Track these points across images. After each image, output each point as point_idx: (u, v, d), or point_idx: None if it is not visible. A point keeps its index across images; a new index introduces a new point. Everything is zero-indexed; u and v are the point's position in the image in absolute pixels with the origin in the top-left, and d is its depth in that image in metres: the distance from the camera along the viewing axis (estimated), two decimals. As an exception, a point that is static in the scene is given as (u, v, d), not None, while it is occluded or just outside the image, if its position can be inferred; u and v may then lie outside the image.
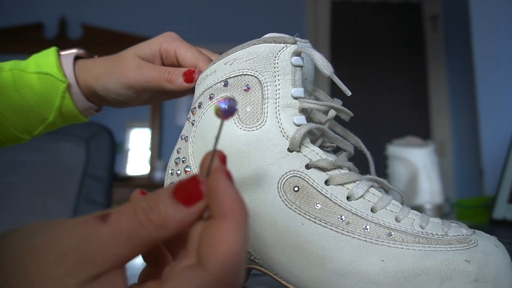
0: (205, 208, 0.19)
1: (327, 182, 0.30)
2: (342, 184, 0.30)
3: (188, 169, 0.34)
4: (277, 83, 0.32)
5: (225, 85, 0.33)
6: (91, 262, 0.17)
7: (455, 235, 0.28)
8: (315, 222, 0.28)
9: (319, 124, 0.32)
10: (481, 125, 1.28)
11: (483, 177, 1.26)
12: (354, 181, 0.30)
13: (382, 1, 2.70)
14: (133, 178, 2.50)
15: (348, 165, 0.31)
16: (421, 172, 1.05)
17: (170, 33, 0.42)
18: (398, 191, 0.34)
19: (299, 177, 0.30)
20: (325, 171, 0.30)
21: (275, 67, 0.32)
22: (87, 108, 0.45)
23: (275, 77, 0.32)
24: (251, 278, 0.37)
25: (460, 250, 0.27)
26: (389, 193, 0.34)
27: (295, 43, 0.32)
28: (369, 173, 0.34)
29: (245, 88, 0.32)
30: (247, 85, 0.32)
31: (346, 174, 0.30)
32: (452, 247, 0.27)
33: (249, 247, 0.31)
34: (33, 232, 0.17)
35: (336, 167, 0.30)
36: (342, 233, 0.28)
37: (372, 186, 0.31)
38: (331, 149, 0.34)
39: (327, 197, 0.29)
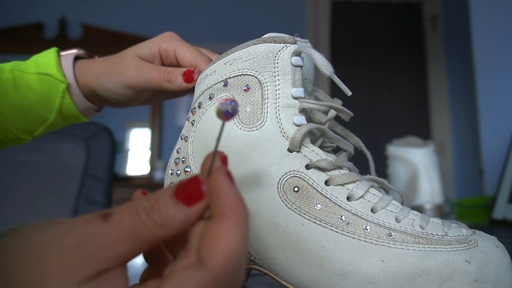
0: (206, 208, 0.19)
1: (327, 183, 0.30)
2: (342, 185, 0.30)
3: (188, 169, 0.34)
4: (277, 83, 0.32)
5: (225, 85, 0.33)
6: (93, 260, 0.17)
7: (455, 236, 0.28)
8: (315, 223, 0.28)
9: (319, 124, 0.32)
10: (481, 125, 1.28)
11: (483, 177, 1.26)
12: (354, 182, 0.30)
13: (382, 1, 2.70)
14: (133, 178, 2.50)
15: (348, 165, 0.31)
16: (421, 172, 1.05)
17: (170, 33, 0.42)
18: (398, 191, 0.34)
19: (299, 177, 0.30)
20: (325, 172, 0.30)
21: (275, 67, 0.32)
22: (87, 108, 0.45)
23: (275, 77, 0.32)
24: (251, 278, 0.37)
25: (460, 251, 0.27)
26: (389, 193, 0.34)
27: (295, 43, 0.32)
28: (369, 173, 0.34)
29: (245, 88, 0.32)
30: (247, 85, 0.32)
31: (346, 175, 0.30)
32: (452, 248, 0.27)
33: (249, 247, 0.31)
34: (37, 230, 0.17)
35: (336, 167, 0.30)
36: (342, 234, 0.28)
37: (372, 186, 0.31)
38: (331, 149, 0.34)
39: (327, 198, 0.29)
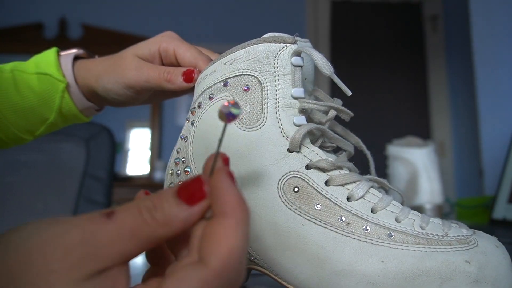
0: (208, 208, 0.19)
1: (327, 183, 0.30)
2: (342, 185, 0.30)
3: (188, 169, 0.34)
4: (277, 83, 0.32)
5: (225, 85, 0.33)
6: (96, 257, 0.17)
7: (456, 236, 0.28)
8: (315, 223, 0.28)
9: (319, 124, 0.32)
10: (481, 125, 1.28)
11: (483, 177, 1.26)
12: (354, 182, 0.30)
13: (382, 1, 2.70)
14: (133, 178, 2.50)
15: (348, 166, 0.31)
16: (421, 172, 1.05)
17: (169, 33, 0.42)
18: (398, 191, 0.34)
19: (299, 178, 0.30)
20: (325, 172, 0.30)
21: (275, 67, 0.32)
22: (87, 108, 0.45)
23: (275, 77, 0.32)
24: (251, 278, 0.37)
25: (461, 251, 0.27)
26: (389, 193, 0.34)
27: (295, 43, 0.32)
28: (369, 173, 0.34)
29: (245, 88, 0.32)
30: (247, 85, 0.32)
31: (346, 175, 0.30)
32: (453, 248, 0.27)
33: (249, 248, 0.31)
34: (42, 227, 0.18)
35: (336, 168, 0.30)
36: (342, 234, 0.28)
37: (372, 187, 0.31)
38: (331, 149, 0.34)
39: (327, 198, 0.29)
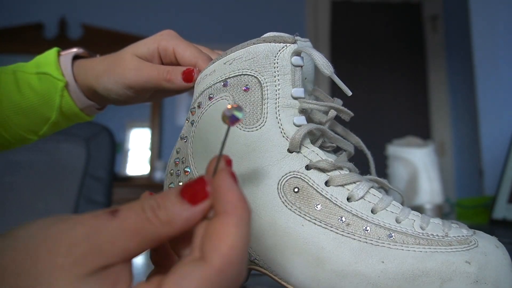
0: (210, 208, 0.19)
1: (327, 183, 0.29)
2: (343, 185, 0.30)
3: (188, 170, 0.34)
4: (277, 83, 0.31)
5: (225, 85, 0.33)
6: (99, 254, 0.17)
7: (456, 236, 0.28)
8: (315, 223, 0.28)
9: (319, 125, 0.32)
10: (481, 125, 1.27)
11: (483, 177, 1.26)
12: (355, 182, 0.30)
13: (382, 1, 2.70)
14: (133, 178, 2.50)
15: (349, 166, 0.31)
16: (421, 172, 1.05)
17: (168, 31, 0.42)
18: (399, 192, 0.34)
19: (299, 178, 0.30)
20: (325, 172, 0.30)
21: (275, 67, 0.32)
22: (88, 106, 0.45)
23: (275, 77, 0.32)
24: (251, 279, 0.37)
25: (461, 251, 0.27)
26: (390, 194, 0.34)
27: (295, 43, 0.32)
28: (370, 173, 0.34)
29: (245, 88, 0.32)
30: (247, 85, 0.32)
31: (347, 175, 0.30)
32: (453, 248, 0.27)
33: (249, 248, 0.31)
34: (48, 224, 0.18)
35: (336, 168, 0.30)
36: (343, 235, 0.28)
37: (373, 187, 0.30)
38: (331, 149, 0.34)
39: (327, 198, 0.29)
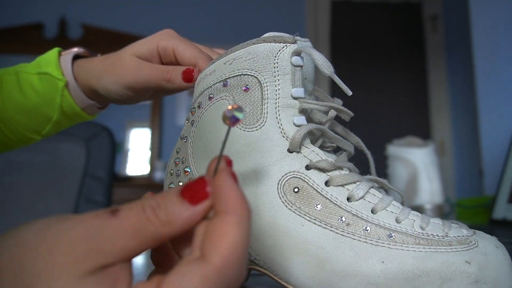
0: (210, 208, 0.19)
1: (327, 183, 0.29)
2: (343, 185, 0.30)
3: (188, 170, 0.34)
4: (277, 83, 0.31)
5: (225, 85, 0.33)
6: (99, 253, 0.17)
7: (456, 236, 0.28)
8: (315, 223, 0.28)
9: (319, 125, 0.32)
10: (481, 125, 1.27)
11: (483, 177, 1.26)
12: (355, 182, 0.30)
13: (382, 1, 2.70)
14: (133, 178, 2.50)
15: (349, 166, 0.31)
16: (421, 172, 1.05)
17: (168, 31, 0.42)
18: (399, 192, 0.34)
19: (299, 178, 0.30)
20: (325, 172, 0.30)
21: (275, 67, 0.32)
22: (89, 106, 0.45)
23: (275, 77, 0.32)
24: (251, 279, 0.37)
25: (461, 251, 0.27)
26: (390, 194, 0.34)
27: (295, 43, 0.32)
28: (370, 173, 0.34)
29: (245, 88, 0.32)
30: (247, 85, 0.32)
31: (347, 175, 0.30)
32: (453, 248, 0.27)
33: (249, 248, 0.31)
34: (49, 223, 0.18)
35: (336, 168, 0.30)
36: (343, 235, 0.28)
37: (373, 187, 0.30)
38: (331, 149, 0.34)
39: (327, 198, 0.29)
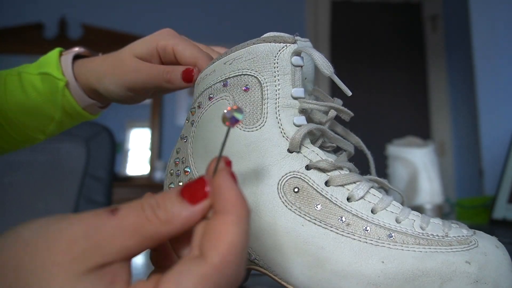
0: (210, 208, 0.20)
1: (327, 183, 0.29)
2: (343, 185, 0.30)
3: (188, 170, 0.34)
4: (277, 83, 0.31)
5: (225, 85, 0.33)
6: (98, 251, 0.17)
7: (456, 236, 0.28)
8: (315, 224, 0.28)
9: (319, 125, 0.32)
10: (481, 125, 1.27)
11: (483, 177, 1.26)
12: (355, 182, 0.30)
13: (382, 1, 2.70)
14: (133, 178, 2.50)
15: (349, 166, 0.31)
16: (421, 172, 1.05)
17: (167, 30, 0.41)
18: (399, 192, 0.34)
19: (299, 178, 0.30)
20: (325, 172, 0.30)
21: (275, 67, 0.32)
22: (90, 105, 0.45)
23: (275, 77, 0.32)
24: (251, 278, 0.37)
25: (461, 251, 0.27)
26: (390, 194, 0.34)
27: (295, 43, 0.32)
28: (370, 173, 0.34)
29: (245, 88, 0.32)
30: (247, 85, 0.32)
31: (347, 175, 0.30)
32: (453, 248, 0.27)
33: (249, 248, 0.31)
34: (49, 222, 0.18)
35: (337, 168, 0.30)
36: (343, 235, 0.28)
37: (373, 187, 0.30)
38: (331, 149, 0.34)
39: (327, 198, 0.29)
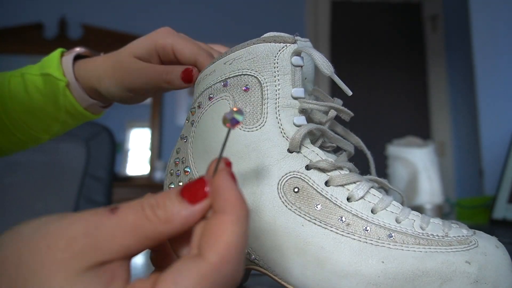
0: (209, 208, 0.20)
1: (327, 183, 0.29)
2: (343, 185, 0.30)
3: (188, 170, 0.34)
4: (277, 83, 0.31)
5: (225, 85, 0.33)
6: (97, 250, 0.17)
7: (456, 236, 0.28)
8: (315, 223, 0.28)
9: (319, 125, 0.32)
10: (481, 125, 1.27)
11: (483, 177, 1.26)
12: (355, 182, 0.30)
13: (382, 1, 2.70)
14: (133, 178, 2.50)
15: (349, 166, 0.31)
16: (421, 172, 1.05)
17: (165, 29, 0.41)
18: (399, 192, 0.34)
19: (299, 178, 0.30)
20: (325, 172, 0.30)
21: (275, 67, 0.32)
22: (91, 105, 0.45)
23: (275, 77, 0.32)
24: (251, 278, 0.37)
25: (461, 251, 0.27)
26: (390, 194, 0.34)
27: (295, 43, 0.32)
28: (370, 173, 0.34)
29: (245, 88, 0.32)
30: (247, 85, 0.32)
31: (347, 175, 0.30)
32: (453, 248, 0.27)
33: (249, 248, 0.31)
34: (49, 221, 0.18)
35: (336, 168, 0.30)
36: (343, 235, 0.28)
37: (373, 187, 0.30)
38: (331, 149, 0.34)
39: (327, 198, 0.29)
